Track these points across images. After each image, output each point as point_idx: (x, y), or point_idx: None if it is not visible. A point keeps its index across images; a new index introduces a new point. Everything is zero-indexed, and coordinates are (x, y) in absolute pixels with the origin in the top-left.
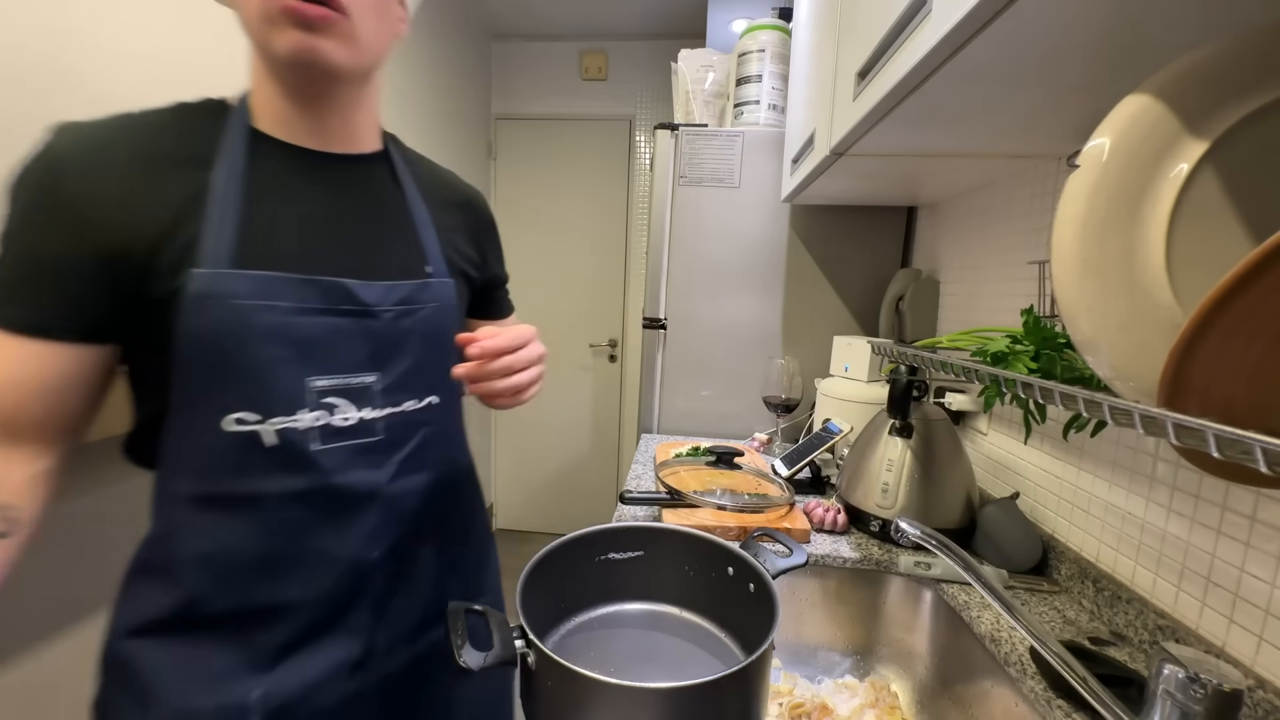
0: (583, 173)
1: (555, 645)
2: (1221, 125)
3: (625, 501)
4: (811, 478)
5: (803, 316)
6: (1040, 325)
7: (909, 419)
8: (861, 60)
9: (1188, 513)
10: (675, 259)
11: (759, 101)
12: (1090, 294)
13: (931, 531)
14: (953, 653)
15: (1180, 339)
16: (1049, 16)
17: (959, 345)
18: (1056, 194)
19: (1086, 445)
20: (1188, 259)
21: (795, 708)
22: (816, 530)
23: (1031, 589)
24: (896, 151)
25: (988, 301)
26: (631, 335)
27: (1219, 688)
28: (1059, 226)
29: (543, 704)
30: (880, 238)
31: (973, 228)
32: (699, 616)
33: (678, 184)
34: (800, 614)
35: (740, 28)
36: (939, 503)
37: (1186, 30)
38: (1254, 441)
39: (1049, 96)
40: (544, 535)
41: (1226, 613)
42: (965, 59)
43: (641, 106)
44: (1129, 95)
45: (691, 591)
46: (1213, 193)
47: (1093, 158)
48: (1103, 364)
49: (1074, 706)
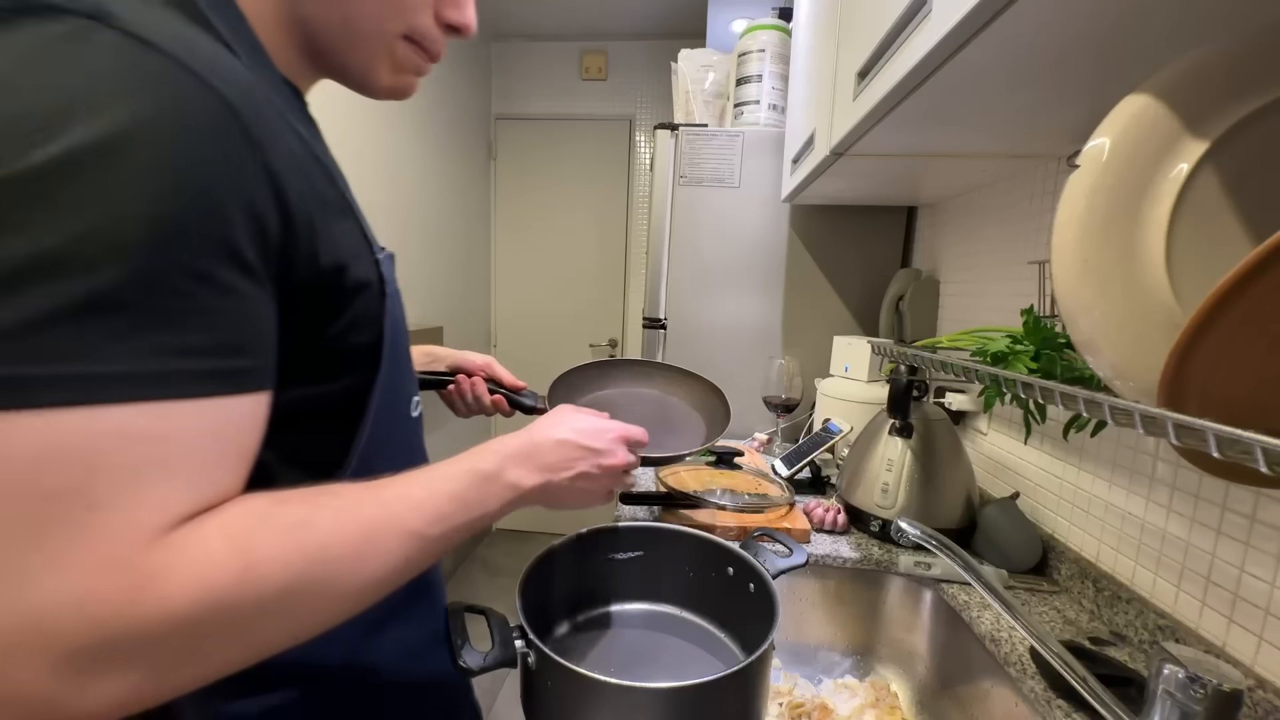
0: (583, 173)
1: (555, 645)
2: (1221, 125)
3: (625, 501)
4: (811, 478)
5: (803, 316)
6: (1040, 325)
7: (909, 419)
8: (861, 60)
9: (1188, 513)
10: (675, 259)
11: (759, 101)
12: (1090, 294)
13: (931, 531)
14: (953, 653)
15: (1180, 339)
16: (1049, 17)
17: (959, 345)
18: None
19: (1086, 445)
20: (1188, 259)
21: (795, 708)
22: (816, 530)
23: (1031, 589)
24: (896, 151)
25: (988, 301)
26: (631, 335)
27: (1219, 688)
28: (1059, 226)
29: (543, 704)
30: (880, 238)
31: (973, 228)
32: (699, 616)
33: (678, 184)
34: (800, 614)
35: (740, 28)
36: (939, 503)
37: (1186, 30)
38: (1254, 441)
39: (1049, 96)
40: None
41: (1226, 613)
42: (965, 59)
43: (641, 106)
44: (1129, 95)
45: (691, 591)
46: (1213, 193)
47: (1093, 158)
48: (1103, 364)
49: (1074, 706)
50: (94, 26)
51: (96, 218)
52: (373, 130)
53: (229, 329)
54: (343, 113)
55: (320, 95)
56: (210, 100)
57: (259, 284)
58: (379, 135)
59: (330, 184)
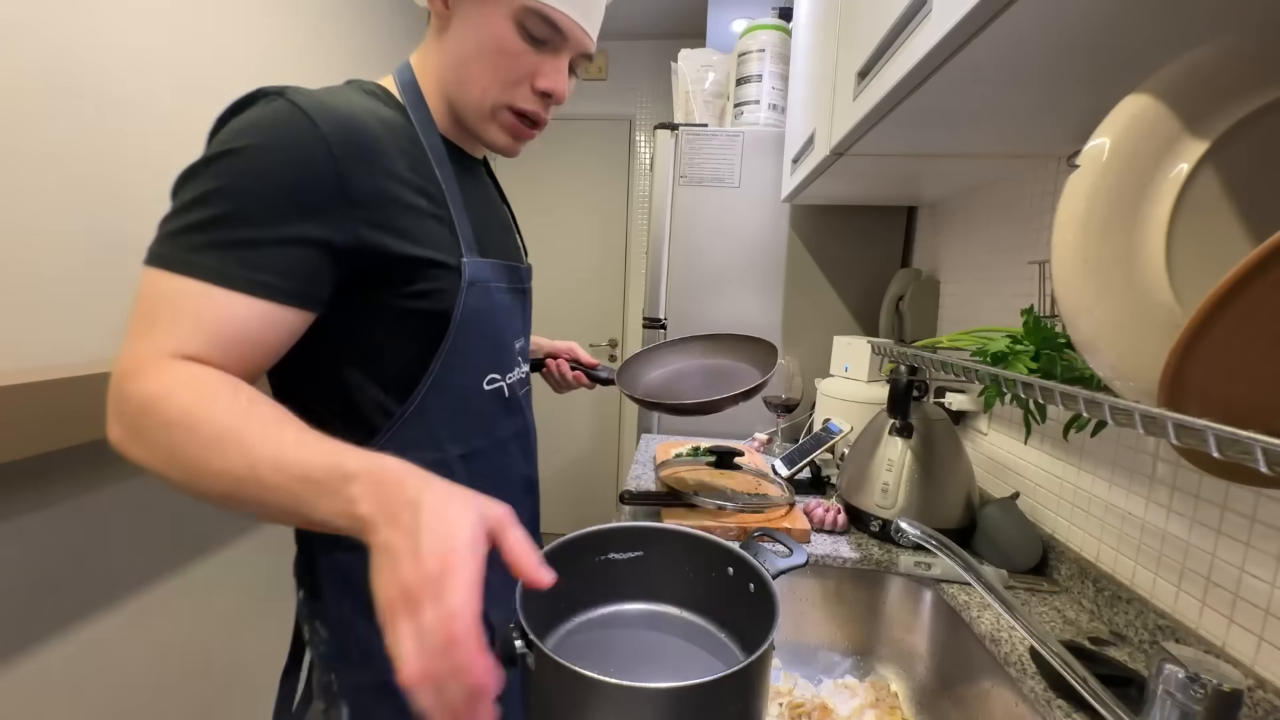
0: (583, 173)
1: (555, 645)
2: (1221, 125)
3: (625, 501)
4: (811, 478)
5: (803, 316)
6: (1040, 325)
7: (909, 419)
8: (862, 60)
9: (1188, 513)
10: (675, 259)
11: (759, 101)
12: (1090, 294)
13: (931, 531)
14: (953, 653)
15: (1180, 339)
16: (1048, 17)
17: (959, 345)
18: (1056, 194)
19: (1086, 445)
20: (1188, 259)
21: (795, 708)
22: (816, 530)
23: (1031, 589)
24: (896, 151)
25: (988, 301)
26: (631, 335)
27: (1219, 688)
28: (1059, 226)
29: (543, 705)
30: (880, 238)
31: (973, 228)
32: (699, 616)
33: (678, 184)
34: (800, 614)
35: (740, 28)
36: (939, 503)
37: (1186, 30)
38: (1254, 441)
39: (1049, 96)
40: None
41: (1226, 613)
42: (965, 59)
43: (641, 106)
44: (1129, 95)
45: (692, 591)
46: (1213, 193)
47: (1093, 158)
48: (1103, 364)
49: (1074, 706)
50: (274, 98)
51: (220, 182)
52: None
53: (279, 259)
54: None
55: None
56: (309, 130)
57: (316, 242)
58: None
59: (422, 196)
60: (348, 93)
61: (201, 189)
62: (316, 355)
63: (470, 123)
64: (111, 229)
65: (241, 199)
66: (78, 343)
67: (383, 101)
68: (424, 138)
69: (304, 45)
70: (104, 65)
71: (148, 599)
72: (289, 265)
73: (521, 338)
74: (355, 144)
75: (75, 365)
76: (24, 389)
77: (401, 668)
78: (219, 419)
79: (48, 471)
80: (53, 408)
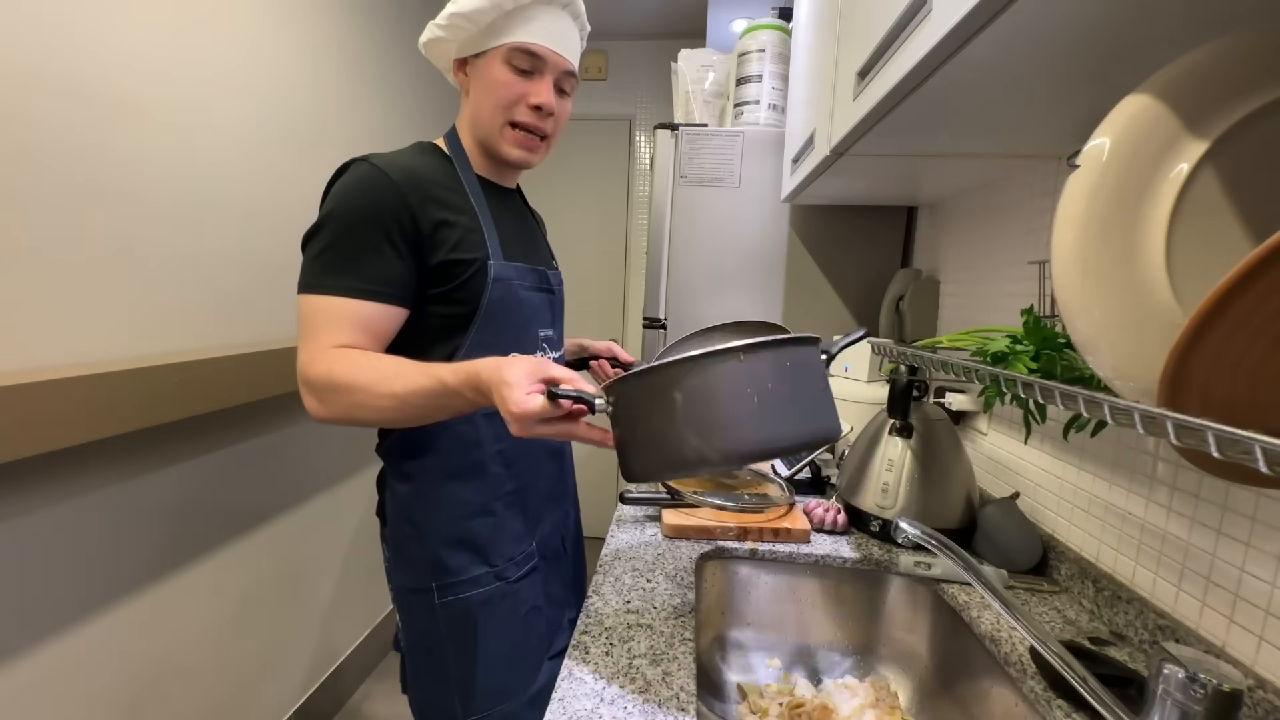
0: (583, 172)
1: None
2: (1221, 125)
3: (625, 501)
4: (811, 478)
5: (803, 316)
6: (1040, 325)
7: (909, 419)
8: (862, 60)
9: (1188, 513)
10: (675, 259)
11: (759, 101)
12: (1090, 294)
13: (931, 531)
14: (953, 653)
15: (1180, 339)
16: (1049, 16)
17: (959, 345)
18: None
19: (1086, 445)
20: (1188, 259)
21: (795, 707)
22: (816, 530)
23: (1031, 589)
24: (896, 151)
25: (988, 301)
26: (631, 335)
27: (1219, 688)
28: (1059, 226)
29: (629, 422)
30: (880, 238)
31: (973, 228)
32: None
33: (678, 184)
34: (800, 614)
35: (740, 28)
36: (939, 503)
37: (1187, 29)
38: (1254, 441)
39: (1049, 96)
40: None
41: (1227, 613)
42: (965, 59)
43: (641, 106)
44: (1129, 95)
45: None
46: (1213, 193)
47: (1093, 158)
48: (1103, 364)
49: (1074, 706)
50: (360, 162)
51: (335, 230)
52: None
53: (377, 272)
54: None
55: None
56: (384, 179)
57: (398, 253)
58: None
59: (464, 215)
60: (409, 152)
61: (326, 240)
62: (404, 336)
63: (490, 146)
64: (112, 229)
65: (350, 237)
66: (78, 343)
67: (433, 155)
68: (462, 176)
69: (302, 45)
70: (104, 65)
71: (148, 599)
72: (388, 277)
73: (549, 329)
74: (417, 187)
75: (75, 365)
76: (24, 389)
77: (512, 432)
78: (367, 376)
79: (48, 471)
80: (53, 407)
